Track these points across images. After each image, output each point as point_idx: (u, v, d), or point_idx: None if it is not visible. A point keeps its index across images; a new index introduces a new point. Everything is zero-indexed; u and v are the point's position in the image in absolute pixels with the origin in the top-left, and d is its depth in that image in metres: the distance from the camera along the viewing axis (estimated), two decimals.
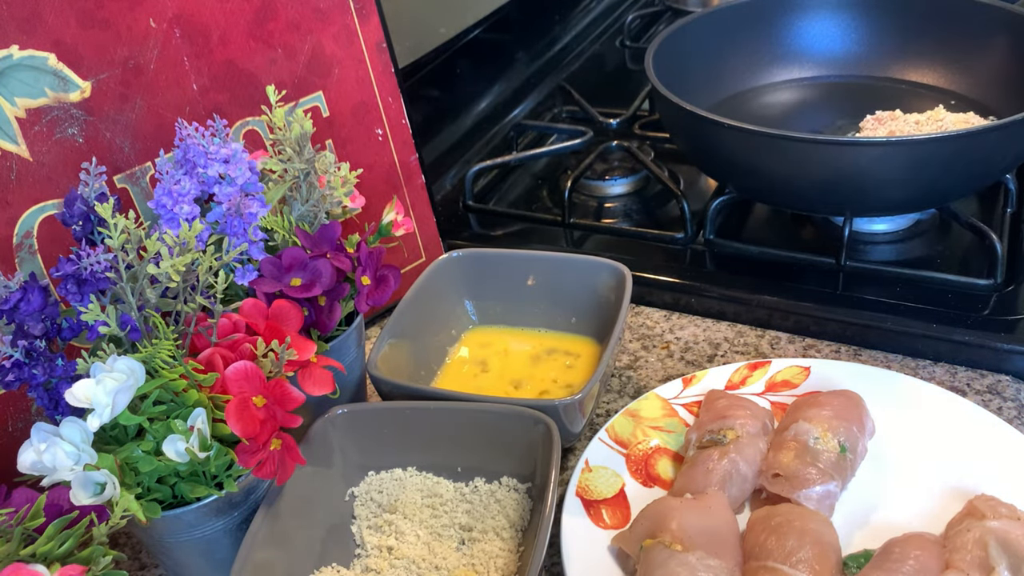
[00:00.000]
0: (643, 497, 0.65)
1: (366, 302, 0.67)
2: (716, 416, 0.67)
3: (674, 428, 0.71)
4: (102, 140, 0.69)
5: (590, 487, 0.66)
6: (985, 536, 0.55)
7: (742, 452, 0.64)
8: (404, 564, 0.62)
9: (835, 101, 1.06)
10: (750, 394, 0.72)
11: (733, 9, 1.09)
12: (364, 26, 0.81)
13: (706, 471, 0.63)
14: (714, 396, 0.70)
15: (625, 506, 0.65)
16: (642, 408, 0.72)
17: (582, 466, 0.67)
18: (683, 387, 0.74)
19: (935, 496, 0.64)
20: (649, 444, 0.70)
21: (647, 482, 0.67)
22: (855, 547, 0.61)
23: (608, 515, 0.64)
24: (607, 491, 0.66)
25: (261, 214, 0.64)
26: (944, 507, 0.62)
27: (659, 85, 0.89)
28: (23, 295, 0.55)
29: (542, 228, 0.98)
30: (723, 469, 0.63)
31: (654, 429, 0.71)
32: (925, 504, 0.63)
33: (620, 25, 1.43)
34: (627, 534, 0.61)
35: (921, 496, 0.64)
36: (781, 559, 0.56)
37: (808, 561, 0.56)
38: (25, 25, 0.64)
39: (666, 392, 0.73)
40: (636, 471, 0.68)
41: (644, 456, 0.69)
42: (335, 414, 0.67)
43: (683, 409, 0.72)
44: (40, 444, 0.52)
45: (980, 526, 0.56)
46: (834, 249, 0.86)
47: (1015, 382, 0.75)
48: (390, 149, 0.86)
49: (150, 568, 0.68)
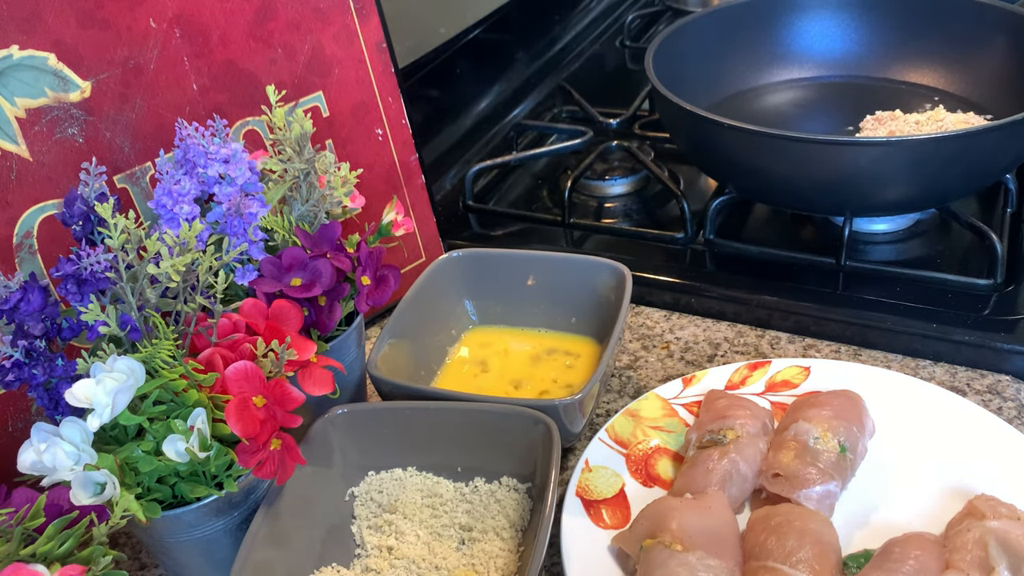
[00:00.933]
0: (643, 497, 0.65)
1: (366, 302, 0.67)
2: (716, 416, 0.67)
3: (674, 428, 0.71)
4: (102, 140, 0.69)
5: (590, 487, 0.66)
6: (985, 536, 0.55)
7: (742, 452, 0.64)
8: (404, 564, 0.62)
9: (835, 101, 1.06)
10: (750, 394, 0.72)
11: (733, 9, 1.09)
12: (364, 26, 0.81)
13: (706, 471, 0.63)
14: (714, 396, 0.70)
15: (625, 506, 0.65)
16: (642, 408, 0.72)
17: (582, 466, 0.67)
18: (683, 387, 0.74)
19: (935, 496, 0.64)
20: (649, 444, 0.70)
21: (647, 482, 0.67)
22: (855, 547, 0.60)
23: (608, 515, 0.64)
24: (607, 491, 0.66)
25: (261, 214, 0.64)
26: (944, 507, 0.62)
27: (659, 85, 0.89)
28: (23, 295, 0.55)
29: (542, 228, 0.98)
30: (723, 469, 0.63)
31: (654, 429, 0.71)
32: (925, 504, 0.63)
33: (620, 25, 1.43)
34: (627, 534, 0.61)
35: (921, 496, 0.64)
36: (781, 559, 0.56)
37: (808, 561, 0.56)
38: (25, 25, 0.64)
39: (666, 392, 0.73)
40: (636, 471, 0.68)
41: (644, 456, 0.69)
42: (335, 414, 0.67)
43: (683, 409, 0.72)
44: (40, 444, 0.52)
45: (980, 526, 0.56)
46: (834, 249, 0.86)
47: (1015, 382, 0.75)
48: (390, 149, 0.86)
49: (150, 568, 0.68)
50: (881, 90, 1.06)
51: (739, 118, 0.84)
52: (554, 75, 1.31)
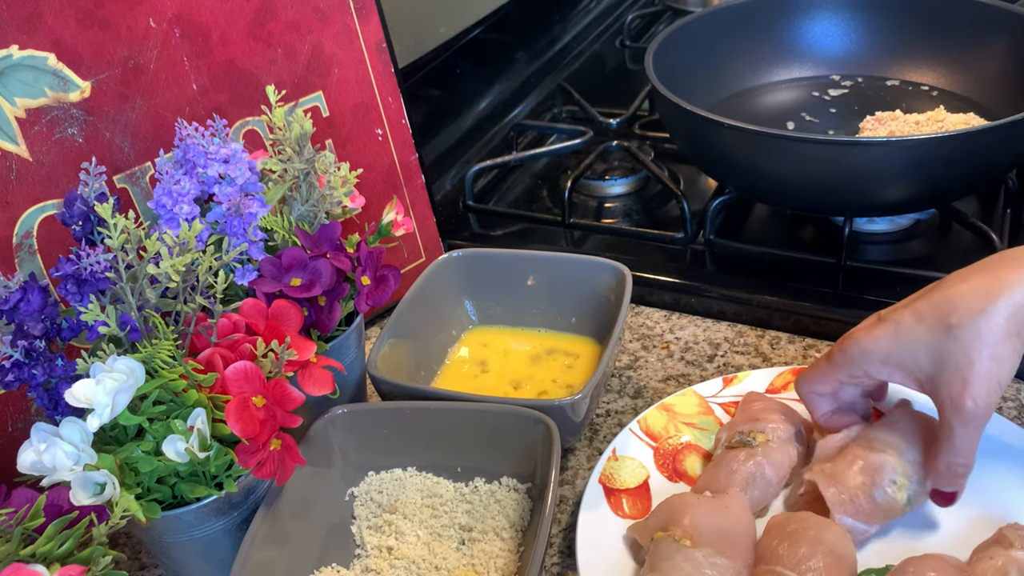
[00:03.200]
0: (667, 491, 0.65)
1: (366, 302, 0.67)
2: (749, 418, 0.66)
3: (708, 426, 0.71)
4: (102, 140, 0.69)
5: (614, 475, 0.66)
6: (1008, 565, 0.53)
7: (769, 456, 0.63)
8: (404, 564, 0.62)
9: (835, 101, 1.06)
10: (790, 400, 0.70)
11: (733, 9, 1.09)
12: (364, 26, 0.81)
13: (730, 471, 0.63)
14: (752, 398, 0.69)
15: (647, 498, 0.65)
16: (677, 403, 0.72)
17: (608, 454, 0.68)
18: (723, 386, 0.73)
19: (956, 512, 0.61)
20: (680, 440, 0.70)
21: (673, 476, 0.67)
22: (875, 563, 0.59)
23: (628, 505, 0.65)
24: (631, 481, 0.66)
25: (261, 214, 0.64)
26: (967, 522, 0.61)
27: (659, 85, 0.89)
28: (23, 295, 0.55)
29: (542, 228, 0.98)
30: (747, 471, 0.63)
31: (687, 425, 0.71)
32: (945, 518, 0.62)
33: (620, 25, 1.43)
34: (642, 525, 0.61)
35: (941, 510, 0.62)
36: (791, 566, 0.55)
37: (819, 571, 0.55)
38: (25, 25, 0.64)
39: (705, 390, 0.73)
40: (663, 464, 0.68)
41: (673, 451, 0.69)
42: (335, 414, 0.67)
43: (719, 408, 0.72)
44: (40, 444, 0.52)
45: (1005, 555, 0.54)
46: (834, 249, 0.86)
47: (1015, 382, 0.74)
48: (390, 149, 0.86)
49: (150, 568, 0.68)
50: (881, 90, 1.06)
51: (739, 118, 0.84)
52: (554, 75, 1.31)
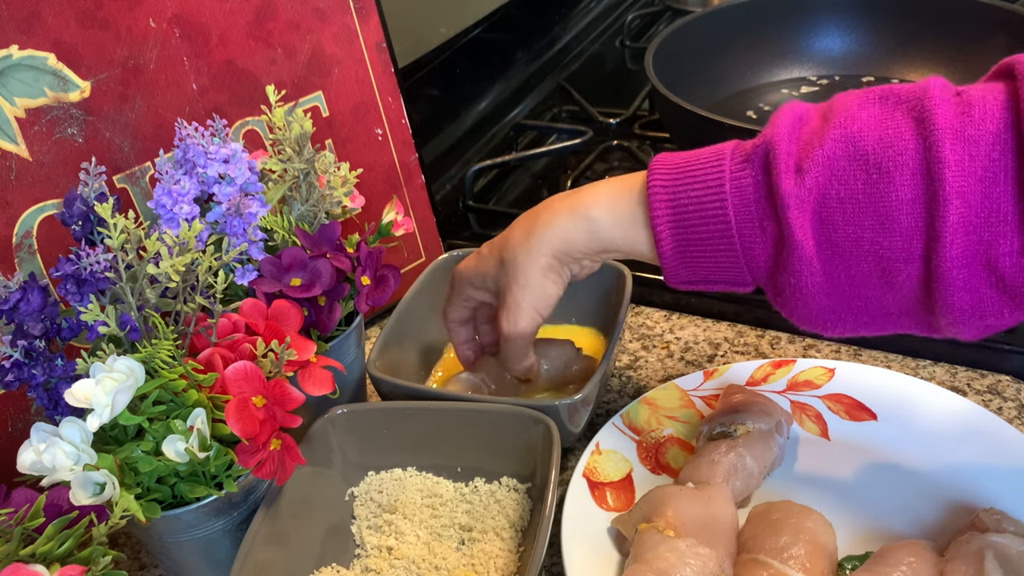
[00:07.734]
0: (650, 483, 0.66)
1: (366, 302, 0.67)
2: (730, 410, 0.67)
3: (689, 419, 0.71)
4: (102, 140, 0.69)
5: (597, 469, 0.67)
6: (984, 549, 0.54)
7: (750, 447, 0.64)
8: (404, 564, 0.62)
9: None
10: (770, 392, 0.72)
11: (733, 9, 1.09)
12: (364, 26, 0.81)
13: (711, 463, 0.64)
14: (732, 391, 0.70)
15: (630, 490, 0.66)
16: (659, 397, 0.72)
17: (592, 448, 0.68)
18: (703, 379, 0.74)
19: (935, 498, 0.63)
20: (663, 433, 0.70)
21: (655, 469, 0.68)
22: (856, 550, 0.60)
23: (612, 497, 0.65)
24: (614, 474, 0.67)
25: (261, 214, 0.64)
26: (945, 509, 0.62)
27: (659, 85, 0.89)
28: (23, 295, 0.55)
29: None
30: (729, 462, 0.63)
31: (669, 419, 0.71)
32: (925, 506, 0.63)
33: (620, 25, 1.43)
34: (626, 517, 0.62)
35: (920, 498, 0.63)
36: (773, 554, 0.57)
37: (800, 558, 0.56)
38: (25, 25, 0.64)
39: (686, 383, 0.73)
40: (646, 457, 0.68)
41: (656, 444, 0.69)
42: (335, 414, 0.67)
43: (701, 401, 0.72)
44: (40, 444, 0.51)
45: (981, 539, 0.55)
46: None
47: (1015, 382, 0.75)
48: (390, 149, 0.86)
49: (150, 568, 0.68)
50: None
51: (739, 118, 0.84)
52: (554, 75, 1.31)
